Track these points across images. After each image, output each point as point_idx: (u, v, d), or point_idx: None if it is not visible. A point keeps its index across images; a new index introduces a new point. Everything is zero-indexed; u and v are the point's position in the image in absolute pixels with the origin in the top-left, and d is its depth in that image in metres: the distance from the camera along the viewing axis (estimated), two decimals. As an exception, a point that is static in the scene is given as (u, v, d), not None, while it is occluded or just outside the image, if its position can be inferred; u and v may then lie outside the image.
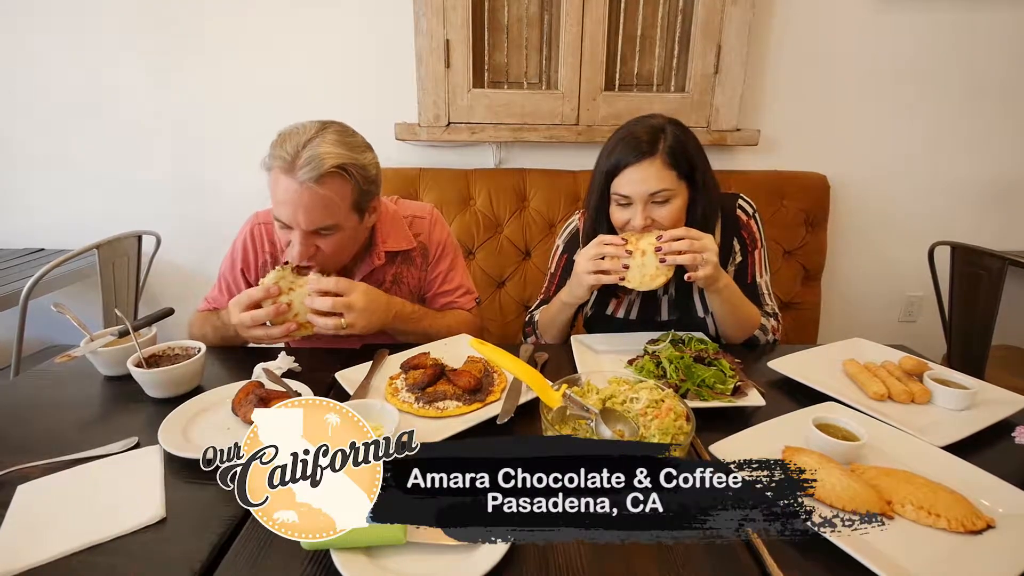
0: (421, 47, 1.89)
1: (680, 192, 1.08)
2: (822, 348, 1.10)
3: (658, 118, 1.11)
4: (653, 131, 1.07)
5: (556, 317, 1.19)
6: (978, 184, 2.17)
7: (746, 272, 1.22)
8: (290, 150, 0.94)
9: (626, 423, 0.73)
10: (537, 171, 1.98)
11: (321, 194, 0.95)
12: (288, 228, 0.99)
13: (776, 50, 1.99)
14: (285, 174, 0.94)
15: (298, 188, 0.94)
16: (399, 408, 0.84)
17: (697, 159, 1.09)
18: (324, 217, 0.97)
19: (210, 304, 1.21)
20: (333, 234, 1.01)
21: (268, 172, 0.98)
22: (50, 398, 0.94)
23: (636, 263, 1.04)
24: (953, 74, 2.03)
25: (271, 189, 0.98)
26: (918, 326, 2.33)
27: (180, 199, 2.11)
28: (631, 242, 1.05)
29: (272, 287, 0.97)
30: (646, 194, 1.06)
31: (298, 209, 0.95)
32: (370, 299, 1.00)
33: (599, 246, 1.06)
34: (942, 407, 0.88)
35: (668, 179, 1.06)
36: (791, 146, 2.09)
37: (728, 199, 1.21)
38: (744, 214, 1.21)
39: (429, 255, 1.23)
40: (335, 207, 0.98)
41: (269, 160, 0.97)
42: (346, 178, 0.97)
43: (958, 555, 0.58)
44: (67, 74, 1.97)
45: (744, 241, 1.20)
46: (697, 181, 1.09)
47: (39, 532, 0.62)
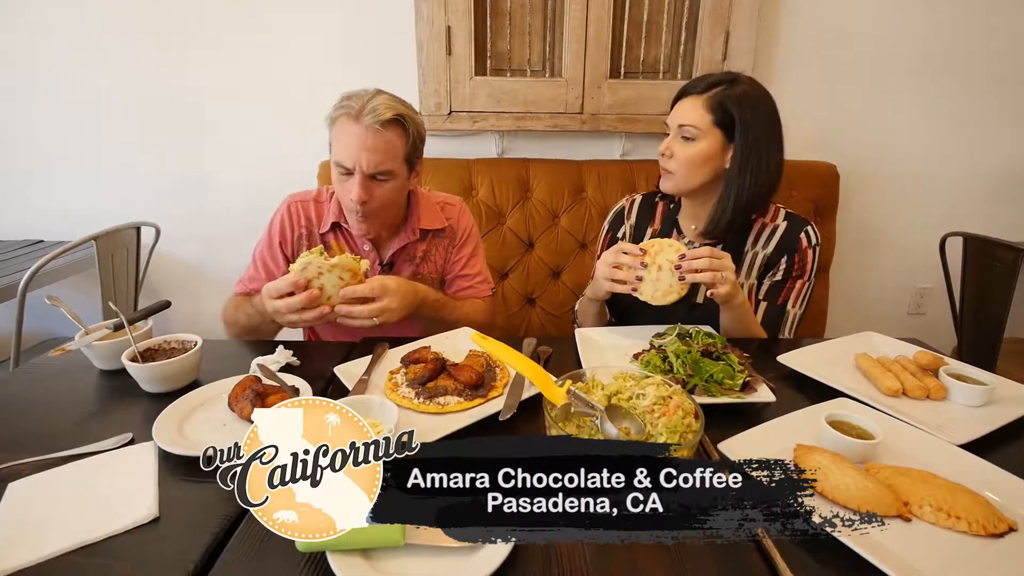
0: (422, 34, 1.85)
1: (709, 138, 1.11)
2: (833, 342, 1.07)
3: (735, 74, 1.13)
4: (717, 78, 1.12)
5: (587, 310, 1.25)
6: (991, 174, 2.12)
7: (779, 294, 1.19)
8: (356, 103, 1.06)
9: (632, 420, 0.71)
10: (540, 161, 1.95)
11: (384, 137, 1.06)
12: (348, 175, 1.08)
13: (786, 37, 1.95)
14: (352, 120, 1.06)
15: (363, 131, 1.05)
16: (399, 404, 0.82)
17: (749, 119, 1.09)
18: (384, 160, 1.07)
19: (245, 286, 1.25)
20: (387, 181, 1.11)
21: (331, 124, 1.10)
22: (44, 393, 0.92)
23: (651, 276, 1.04)
24: (967, 62, 1.98)
25: (336, 137, 1.09)
26: (927, 318, 2.30)
27: (179, 191, 2.09)
28: (649, 254, 1.05)
29: (299, 278, 0.98)
30: (676, 125, 1.13)
31: (362, 151, 1.05)
32: (402, 297, 1.06)
33: (617, 254, 1.08)
34: (958, 404, 0.85)
35: (700, 119, 1.10)
36: (800, 135, 2.04)
37: (798, 221, 1.20)
38: (807, 240, 1.18)
39: (456, 239, 1.32)
40: (393, 153, 1.09)
41: (335, 111, 1.08)
42: (404, 128, 1.10)
43: (978, 559, 0.56)
44: (66, 65, 1.94)
45: (792, 265, 1.18)
46: (737, 138, 1.09)
47: (30, 532, 0.60)
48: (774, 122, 1.13)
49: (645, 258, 1.04)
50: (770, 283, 1.19)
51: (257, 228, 1.29)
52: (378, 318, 1.01)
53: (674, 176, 1.16)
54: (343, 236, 1.25)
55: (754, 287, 1.21)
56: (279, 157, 2.04)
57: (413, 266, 1.29)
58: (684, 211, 1.26)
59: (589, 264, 1.89)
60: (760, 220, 1.20)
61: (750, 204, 1.13)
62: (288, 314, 0.99)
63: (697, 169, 1.13)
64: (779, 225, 1.19)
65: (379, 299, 1.02)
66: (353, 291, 1.00)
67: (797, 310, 1.20)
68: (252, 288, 1.22)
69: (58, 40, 1.92)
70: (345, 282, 1.00)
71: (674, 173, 1.15)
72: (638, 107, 1.95)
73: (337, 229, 1.24)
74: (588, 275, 1.18)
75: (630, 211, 1.34)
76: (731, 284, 1.01)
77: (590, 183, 1.91)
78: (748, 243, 1.20)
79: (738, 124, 1.09)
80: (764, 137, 1.10)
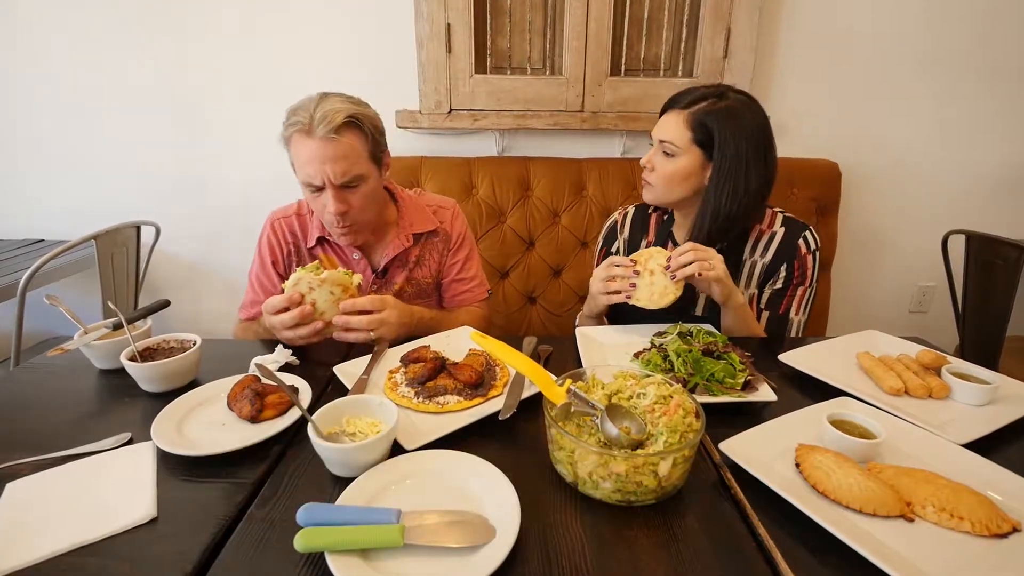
0: (421, 32, 1.84)
1: (688, 155, 1.10)
2: (835, 340, 1.06)
3: (723, 88, 1.12)
4: (703, 92, 1.11)
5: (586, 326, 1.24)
6: (993, 172, 2.11)
7: (781, 303, 1.18)
8: (304, 115, 1.02)
9: (633, 420, 0.70)
10: (541, 159, 1.94)
11: (343, 143, 1.03)
12: (319, 191, 1.06)
13: (787, 34, 1.94)
14: (306, 136, 1.02)
15: (321, 144, 1.02)
16: (398, 403, 0.82)
17: (729, 138, 1.07)
18: (349, 167, 1.04)
19: (248, 312, 1.24)
20: (360, 186, 1.08)
21: (287, 145, 1.07)
22: (43, 392, 0.92)
23: (644, 282, 1.06)
24: (970, 59, 1.97)
25: (295, 156, 1.06)
26: (929, 317, 2.29)
27: (180, 190, 2.08)
28: (640, 263, 1.07)
29: (294, 293, 0.97)
30: (657, 139, 1.14)
31: (324, 163, 1.02)
32: (400, 313, 1.05)
33: (609, 267, 1.09)
34: (961, 403, 0.85)
35: (680, 137, 1.10)
36: (802, 133, 2.03)
37: (796, 226, 1.18)
38: (805, 246, 1.16)
39: (451, 243, 1.31)
40: (357, 156, 1.06)
41: (286, 131, 1.05)
42: (360, 128, 1.06)
43: (982, 560, 0.56)
44: (67, 65, 1.94)
45: (792, 272, 1.16)
46: (715, 157, 1.08)
47: (27, 532, 0.60)
48: (760, 139, 1.09)
49: (636, 267, 1.06)
50: (771, 292, 1.18)
51: (257, 227, 1.29)
52: (375, 332, 1.00)
53: (654, 189, 1.17)
54: (332, 249, 1.24)
55: (755, 296, 1.20)
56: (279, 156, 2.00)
57: (406, 271, 1.27)
58: (677, 222, 1.26)
59: (590, 263, 1.88)
60: (757, 227, 1.19)
61: (727, 222, 1.11)
62: (283, 330, 0.99)
63: (676, 185, 1.13)
64: (776, 232, 1.18)
65: (377, 312, 1.01)
66: (353, 303, 1.00)
67: (800, 317, 1.19)
68: (255, 313, 1.20)
69: (58, 38, 1.91)
70: (336, 297, 1.00)
71: (654, 186, 1.16)
72: (639, 105, 1.94)
73: (324, 243, 1.23)
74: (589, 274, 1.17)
75: (623, 225, 1.33)
76: (720, 270, 1.02)
77: (591, 181, 1.91)
78: (746, 251, 1.19)
79: (716, 143, 1.07)
80: (746, 155, 1.07)
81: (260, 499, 0.65)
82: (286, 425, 0.77)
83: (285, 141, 1.07)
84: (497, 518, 0.59)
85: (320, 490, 0.67)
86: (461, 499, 0.63)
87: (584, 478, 0.64)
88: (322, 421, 0.72)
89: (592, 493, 0.65)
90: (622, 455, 0.62)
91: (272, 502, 0.65)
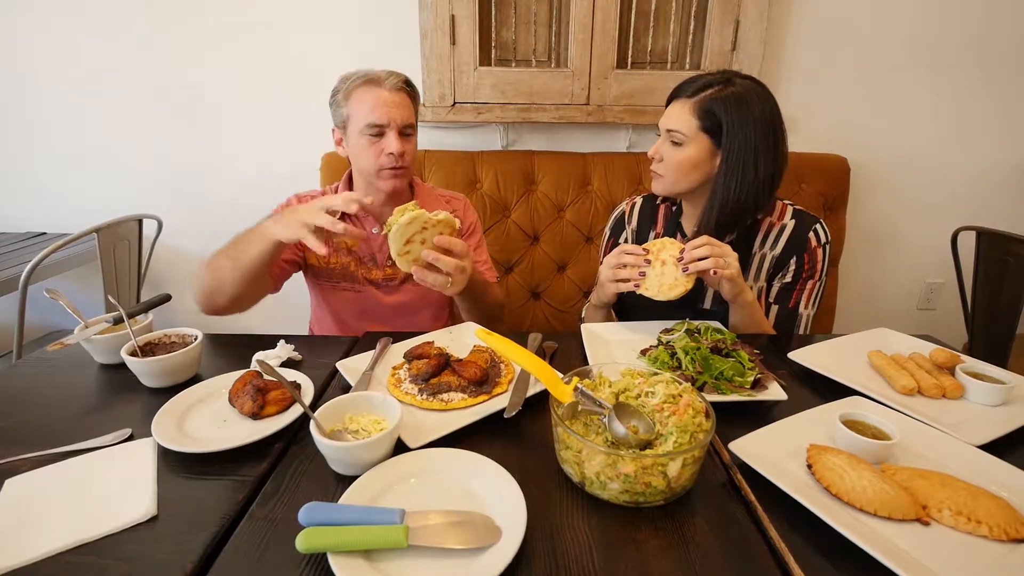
0: (425, 23, 1.82)
1: (696, 144, 1.08)
2: (845, 338, 1.05)
3: (730, 74, 1.09)
4: (710, 79, 1.08)
5: (593, 316, 1.25)
6: (1003, 168, 2.08)
7: (790, 296, 1.16)
8: (370, 74, 1.16)
9: (641, 419, 0.69)
10: (546, 153, 1.92)
11: (405, 98, 1.18)
12: (379, 135, 1.15)
13: (796, 26, 1.90)
14: (375, 86, 1.15)
15: (389, 93, 1.15)
16: (401, 400, 0.81)
17: (737, 124, 1.04)
18: (409, 116, 1.18)
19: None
20: (412, 136, 1.21)
21: (345, 100, 1.16)
22: (43, 387, 0.91)
23: (654, 272, 1.03)
24: (981, 53, 1.94)
25: (358, 105, 1.15)
26: (937, 314, 2.27)
27: (182, 183, 2.07)
28: (652, 252, 1.04)
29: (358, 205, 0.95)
30: (664, 129, 1.12)
31: (392, 108, 1.15)
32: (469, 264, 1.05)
33: (620, 255, 1.07)
34: (976, 403, 0.83)
35: (687, 125, 1.08)
36: (811, 127, 2.01)
37: (807, 218, 1.16)
38: (815, 239, 1.14)
39: (463, 231, 1.36)
40: (411, 112, 1.20)
41: (349, 86, 1.15)
42: (413, 93, 1.22)
43: (1000, 565, 0.54)
44: (68, 57, 1.92)
45: (802, 265, 1.15)
46: (723, 145, 1.06)
47: (26, 529, 0.59)
48: (770, 124, 1.06)
49: (649, 255, 1.04)
50: (780, 285, 1.17)
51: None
52: (451, 279, 0.98)
53: (663, 179, 1.15)
54: (354, 224, 1.26)
55: (764, 289, 1.19)
56: (282, 149, 2.02)
57: None
58: (685, 212, 1.24)
59: (595, 258, 1.87)
60: (767, 219, 1.17)
61: (736, 212, 1.09)
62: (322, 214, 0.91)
63: (685, 174, 1.11)
64: (787, 224, 1.16)
65: (462, 258, 0.99)
66: (450, 242, 0.97)
67: (809, 311, 1.17)
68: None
69: (59, 32, 1.90)
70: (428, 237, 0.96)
71: (663, 176, 1.15)
72: (645, 98, 1.91)
73: (346, 218, 1.24)
74: (594, 269, 1.17)
75: (631, 215, 1.32)
76: (734, 269, 1.00)
77: (596, 175, 1.88)
78: (756, 244, 1.17)
79: (725, 130, 1.05)
80: (755, 141, 1.05)
81: (262, 497, 0.64)
82: (288, 422, 0.76)
83: (344, 94, 1.16)
84: (503, 518, 0.58)
85: (322, 488, 0.66)
86: (466, 499, 0.62)
87: (591, 478, 0.63)
88: (324, 418, 0.71)
89: (599, 494, 0.64)
90: (630, 455, 0.60)
91: (274, 500, 0.64)
